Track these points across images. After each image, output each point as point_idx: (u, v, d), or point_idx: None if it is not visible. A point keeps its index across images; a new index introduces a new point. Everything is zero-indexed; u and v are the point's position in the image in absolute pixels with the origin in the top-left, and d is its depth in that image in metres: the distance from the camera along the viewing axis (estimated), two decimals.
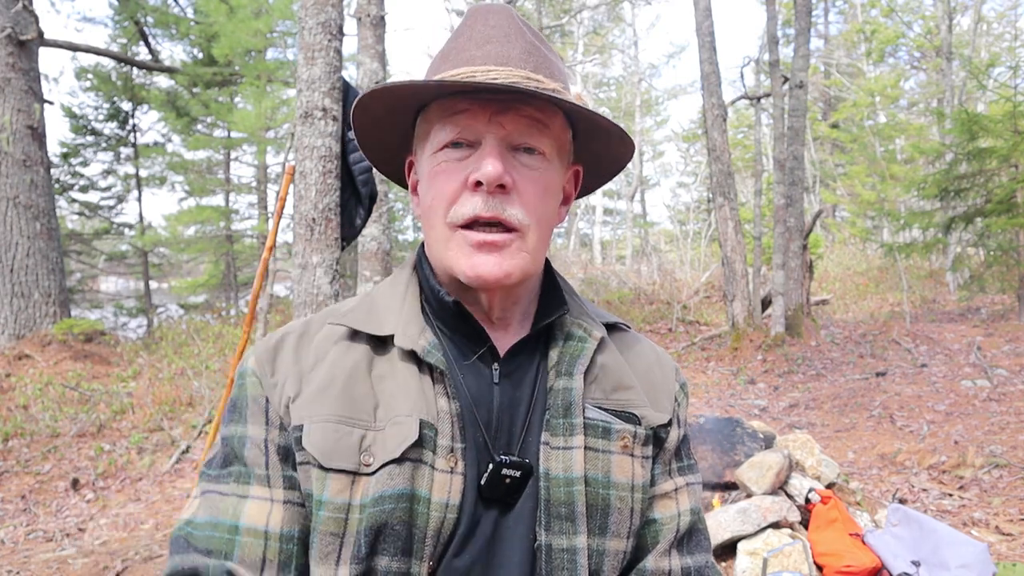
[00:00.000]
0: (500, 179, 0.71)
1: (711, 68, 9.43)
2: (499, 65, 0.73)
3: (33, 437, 5.65)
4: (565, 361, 0.79)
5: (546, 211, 0.77)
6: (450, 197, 0.74)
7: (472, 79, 0.72)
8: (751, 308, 9.54)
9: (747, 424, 3.58)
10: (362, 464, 0.71)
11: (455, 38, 0.78)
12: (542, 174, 0.76)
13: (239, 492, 0.74)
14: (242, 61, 10.63)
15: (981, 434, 4.95)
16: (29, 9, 8.16)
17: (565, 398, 0.77)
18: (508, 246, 0.74)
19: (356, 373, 0.75)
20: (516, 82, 0.72)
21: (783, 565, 2.77)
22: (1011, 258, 9.09)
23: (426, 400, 0.74)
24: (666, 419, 0.83)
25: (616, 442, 0.78)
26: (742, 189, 19.47)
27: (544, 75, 0.75)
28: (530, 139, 0.74)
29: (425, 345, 0.75)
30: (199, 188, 12.94)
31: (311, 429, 0.72)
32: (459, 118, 0.73)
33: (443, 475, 0.71)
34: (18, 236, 7.90)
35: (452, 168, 0.74)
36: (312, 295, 3.47)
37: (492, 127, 0.73)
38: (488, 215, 0.72)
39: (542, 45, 0.79)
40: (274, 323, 9.32)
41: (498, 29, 0.76)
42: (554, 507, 0.74)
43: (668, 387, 0.88)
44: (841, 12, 22.65)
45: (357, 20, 5.03)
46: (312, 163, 3.49)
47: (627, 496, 0.77)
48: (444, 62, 0.77)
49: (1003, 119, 8.61)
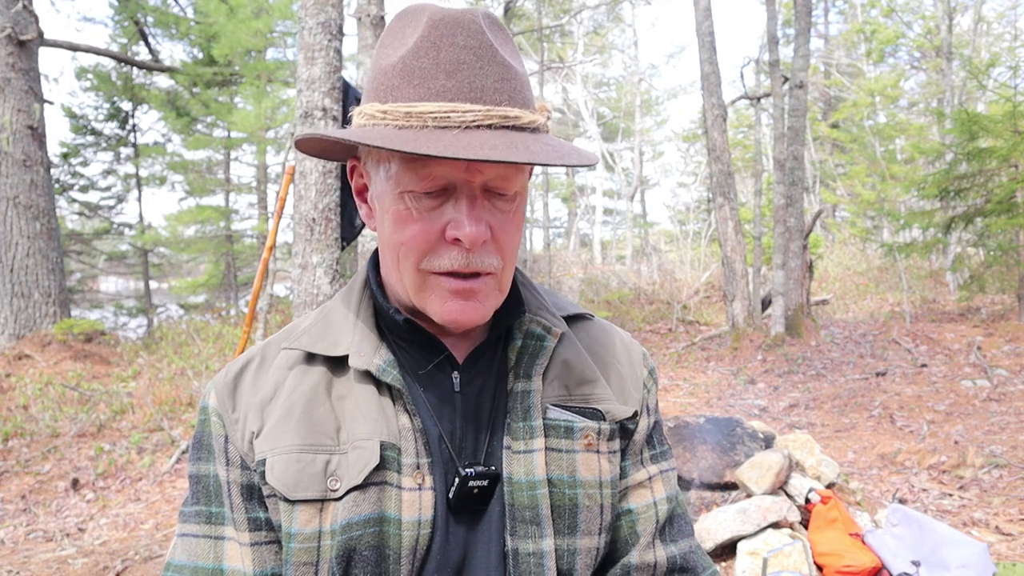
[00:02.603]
0: (481, 239, 0.68)
1: (711, 68, 9.43)
2: (475, 102, 0.65)
3: (33, 437, 5.65)
4: (524, 362, 0.78)
5: (516, 248, 0.74)
6: (424, 248, 0.70)
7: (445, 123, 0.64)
8: (751, 308, 9.54)
9: (747, 424, 3.58)
10: (328, 490, 0.70)
11: (418, 54, 0.67)
12: (515, 214, 0.73)
13: (212, 533, 0.74)
14: (242, 61, 10.63)
15: (981, 434, 4.95)
16: (29, 9, 8.16)
17: (524, 401, 0.76)
18: (484, 290, 0.72)
19: (315, 396, 0.74)
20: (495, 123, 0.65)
21: (783, 565, 2.77)
22: (1011, 258, 9.09)
23: (386, 419, 0.72)
24: (631, 411, 0.82)
25: (579, 440, 0.77)
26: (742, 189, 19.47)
27: (519, 104, 0.68)
28: (506, 183, 0.70)
29: (380, 364, 0.74)
30: (199, 188, 12.94)
31: (273, 462, 0.71)
32: (433, 166, 0.67)
33: (411, 493, 0.71)
34: (18, 236, 7.90)
35: (424, 218, 0.69)
36: (312, 295, 3.47)
37: (470, 175, 0.67)
38: (468, 271, 0.70)
39: (507, 52, 0.70)
40: (274, 323, 9.32)
41: (468, 51, 0.67)
42: (519, 512, 0.73)
43: (635, 375, 0.86)
44: (841, 12, 22.65)
45: (357, 20, 5.03)
46: (312, 163, 3.49)
47: (595, 493, 0.77)
48: (407, 85, 0.67)
49: (1003, 119, 8.61)
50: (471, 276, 0.71)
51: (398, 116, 0.66)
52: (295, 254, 3.53)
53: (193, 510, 0.76)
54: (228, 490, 0.74)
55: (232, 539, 0.73)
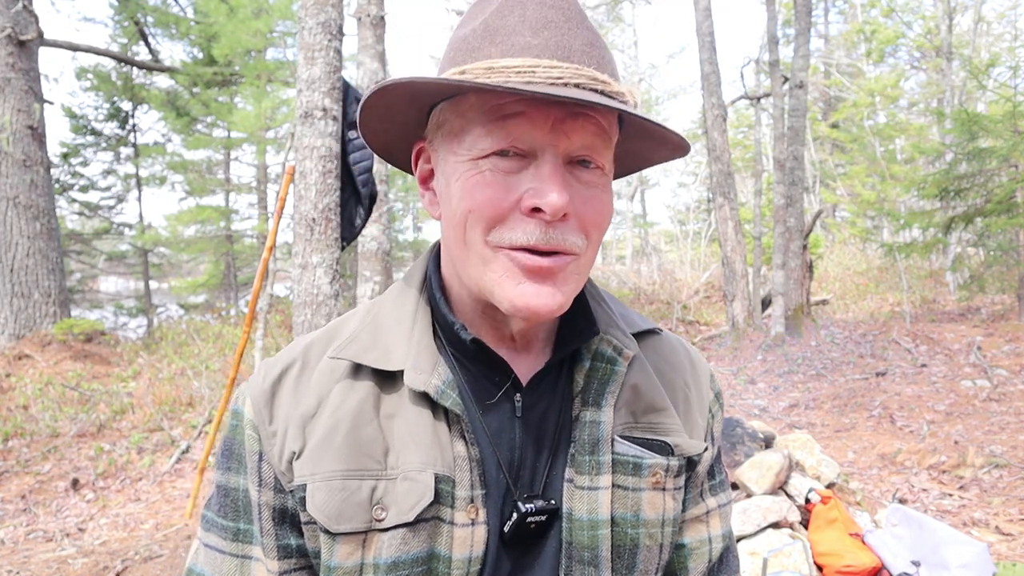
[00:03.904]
0: (565, 209, 0.59)
1: (711, 68, 9.43)
2: (562, 60, 0.60)
3: (33, 437, 5.65)
4: (593, 388, 0.71)
5: (604, 228, 0.66)
6: (495, 215, 0.61)
7: (529, 77, 0.59)
8: (751, 308, 9.54)
9: (747, 424, 3.58)
10: (374, 520, 0.64)
11: (502, 13, 0.63)
12: (602, 191, 0.64)
13: (239, 552, 0.70)
14: (242, 61, 10.63)
15: (981, 434, 4.95)
16: (29, 9, 8.16)
17: (592, 433, 0.69)
18: (563, 272, 0.63)
19: (361, 414, 0.66)
20: (583, 83, 0.60)
21: (783, 565, 2.77)
22: (1011, 258, 9.09)
23: (441, 447, 0.65)
24: (702, 448, 0.76)
25: (647, 478, 0.71)
26: (742, 189, 19.47)
27: (608, 74, 0.63)
28: (594, 153, 0.63)
29: (439, 385, 0.66)
30: (199, 188, 12.94)
31: (314, 489, 0.64)
32: (512, 124, 0.60)
33: (463, 530, 0.65)
34: (18, 236, 7.90)
35: (499, 181, 0.61)
36: (312, 295, 3.47)
37: (555, 138, 0.60)
38: (546, 247, 0.61)
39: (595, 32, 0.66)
40: (274, 323, 9.32)
41: (557, 10, 0.62)
42: (576, 551, 0.68)
43: (703, 400, 0.80)
44: (841, 12, 22.65)
45: (357, 20, 5.03)
46: (312, 163, 3.49)
47: (657, 532, 0.72)
48: (489, 43, 0.62)
49: (1003, 119, 8.60)
50: (549, 255, 0.62)
51: (478, 73, 0.60)
52: (295, 254, 3.53)
53: (220, 522, 0.70)
54: (259, 512, 0.68)
55: (259, 560, 0.68)
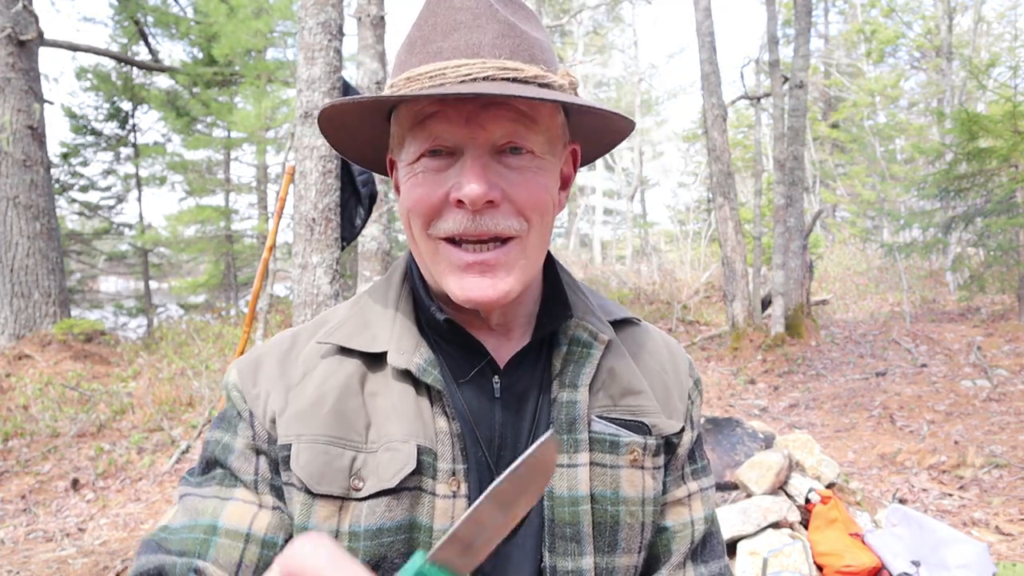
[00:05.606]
0: (485, 198, 0.64)
1: (711, 68, 9.42)
2: (470, 57, 0.64)
3: (33, 437, 5.65)
4: (569, 370, 0.74)
5: (544, 208, 0.69)
6: (429, 211, 0.67)
7: (440, 80, 0.63)
8: (751, 308, 9.54)
9: (747, 424, 3.58)
10: (351, 488, 0.67)
11: (419, 24, 0.68)
12: (535, 173, 0.67)
13: (221, 494, 0.70)
14: (242, 61, 10.64)
15: (981, 434, 4.95)
16: (29, 9, 8.16)
17: (569, 412, 0.72)
18: (503, 262, 0.67)
19: (348, 388, 0.71)
20: (492, 75, 0.63)
21: (783, 565, 2.77)
22: (1011, 258, 9.09)
23: (423, 422, 0.69)
24: (679, 427, 0.79)
25: (625, 456, 0.74)
26: (742, 189, 19.46)
27: (523, 59, 0.66)
28: (518, 138, 0.66)
29: (421, 363, 0.70)
30: (199, 188, 12.94)
31: (299, 450, 0.68)
32: (431, 125, 0.65)
33: (445, 501, 0.68)
34: (18, 236, 7.90)
35: (430, 180, 0.67)
36: (312, 295, 3.47)
37: (472, 131, 0.64)
38: (476, 233, 0.65)
39: (517, 17, 0.69)
40: (274, 323, 9.32)
41: (465, 11, 0.66)
42: (559, 528, 0.70)
43: (681, 386, 0.83)
44: (841, 12, 22.65)
45: (357, 20, 5.03)
46: (312, 163, 3.49)
47: (637, 510, 0.74)
48: (410, 55, 0.68)
49: (1003, 119, 8.61)
50: (488, 245, 0.66)
51: (399, 84, 0.67)
52: (295, 254, 3.53)
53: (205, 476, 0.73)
54: (256, 457, 0.71)
55: (241, 500, 0.70)
